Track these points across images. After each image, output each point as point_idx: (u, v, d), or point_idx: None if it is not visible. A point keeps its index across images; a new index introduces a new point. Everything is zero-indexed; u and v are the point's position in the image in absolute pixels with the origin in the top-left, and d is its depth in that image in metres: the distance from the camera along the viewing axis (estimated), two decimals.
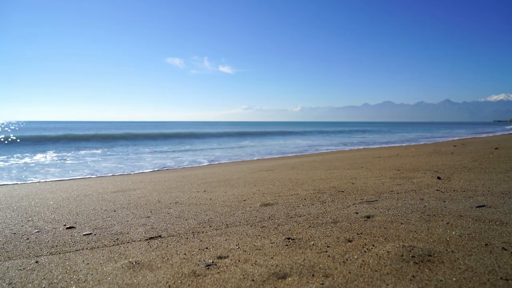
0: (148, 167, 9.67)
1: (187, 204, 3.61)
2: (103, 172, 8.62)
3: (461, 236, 2.17)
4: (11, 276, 1.88)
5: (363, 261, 1.84)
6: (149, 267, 1.91)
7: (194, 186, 4.93)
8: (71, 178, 7.39)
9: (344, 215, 2.83)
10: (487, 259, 1.79)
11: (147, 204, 3.68)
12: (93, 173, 8.32)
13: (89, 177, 7.52)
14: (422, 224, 2.46)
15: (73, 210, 3.49)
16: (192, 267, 1.88)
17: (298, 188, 4.28)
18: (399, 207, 3.03)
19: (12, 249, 2.33)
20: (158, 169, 9.11)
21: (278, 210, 3.16)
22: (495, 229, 2.28)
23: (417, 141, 19.61)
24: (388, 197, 3.49)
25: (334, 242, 2.18)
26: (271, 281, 1.67)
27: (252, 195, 3.98)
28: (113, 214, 3.24)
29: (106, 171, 8.73)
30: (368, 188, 4.06)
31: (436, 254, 1.88)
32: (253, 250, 2.10)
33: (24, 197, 4.45)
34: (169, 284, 1.68)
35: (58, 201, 4.03)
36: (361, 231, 2.37)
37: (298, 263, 1.86)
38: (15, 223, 3.02)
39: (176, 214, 3.15)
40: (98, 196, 4.35)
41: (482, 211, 2.75)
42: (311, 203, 3.36)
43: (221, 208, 3.35)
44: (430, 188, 3.88)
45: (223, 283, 1.67)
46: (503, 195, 3.32)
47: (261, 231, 2.51)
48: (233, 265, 1.89)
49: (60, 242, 2.46)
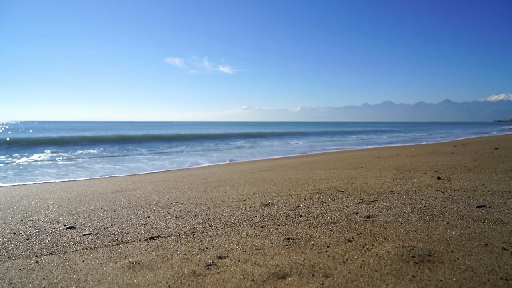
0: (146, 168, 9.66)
1: (187, 204, 3.61)
2: (108, 173, 8.63)
3: (461, 236, 2.17)
4: (11, 276, 1.88)
5: (363, 261, 1.84)
6: (149, 267, 1.91)
7: (194, 186, 4.93)
8: (71, 180, 7.39)
9: (344, 215, 2.83)
10: (487, 259, 1.79)
11: (147, 204, 3.68)
12: (93, 175, 8.32)
13: (89, 178, 7.52)
14: (422, 224, 2.46)
15: (73, 210, 3.49)
16: (192, 267, 1.88)
17: (298, 188, 4.28)
18: (399, 207, 3.03)
19: (12, 249, 2.33)
20: (157, 171, 9.11)
21: (278, 210, 3.16)
22: (495, 229, 2.28)
23: (417, 141, 19.61)
24: (388, 197, 3.49)
25: (334, 242, 2.18)
26: (271, 281, 1.67)
27: (252, 195, 3.98)
28: (113, 214, 3.25)
29: (118, 172, 8.73)
30: (368, 188, 4.06)
31: (436, 254, 1.88)
32: (253, 250, 2.10)
33: (24, 197, 4.45)
34: (169, 284, 1.68)
35: (58, 201, 4.03)
36: (361, 231, 2.37)
37: (298, 263, 1.86)
38: (15, 223, 3.02)
39: (176, 214, 3.15)
40: (98, 196, 4.35)
41: (482, 211, 2.75)
42: (311, 203, 3.36)
43: (221, 208, 3.35)
44: (430, 188, 3.88)
45: (223, 283, 1.67)
46: (503, 195, 3.32)
47: (261, 231, 2.51)
48: (233, 265, 1.89)
49: (60, 242, 2.46)
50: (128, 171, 8.66)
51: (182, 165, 10.10)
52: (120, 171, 8.70)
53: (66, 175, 7.94)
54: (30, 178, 7.57)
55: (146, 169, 9.16)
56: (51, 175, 7.98)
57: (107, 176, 7.77)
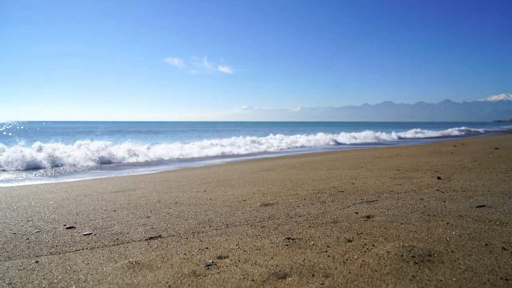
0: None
1: (187, 204, 3.61)
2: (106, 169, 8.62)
3: (461, 236, 2.17)
4: (11, 276, 1.88)
5: (363, 261, 1.84)
6: (149, 267, 1.91)
7: (194, 186, 4.93)
8: (71, 180, 7.39)
9: (344, 215, 2.83)
10: (487, 259, 1.79)
11: (147, 204, 3.68)
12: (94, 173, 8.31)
13: (89, 177, 7.52)
14: (422, 224, 2.46)
15: (73, 210, 3.49)
16: (192, 267, 1.88)
17: (298, 188, 4.28)
18: (399, 207, 3.03)
19: (12, 249, 2.33)
20: (157, 171, 9.11)
21: (278, 210, 3.16)
22: (495, 229, 2.28)
23: (417, 141, 19.60)
24: (388, 197, 3.49)
25: (334, 242, 2.18)
26: (271, 281, 1.67)
27: (252, 195, 3.98)
28: (113, 214, 3.25)
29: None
30: (368, 188, 4.07)
31: (436, 254, 1.88)
32: (253, 250, 2.10)
33: (24, 197, 4.45)
34: (169, 284, 1.68)
35: (58, 201, 4.03)
36: (361, 231, 2.37)
37: (298, 263, 1.86)
38: (15, 223, 3.02)
39: (176, 214, 3.15)
40: (98, 196, 4.35)
41: (482, 211, 2.75)
42: (311, 203, 3.36)
43: (221, 208, 3.35)
44: (430, 188, 3.88)
45: (223, 283, 1.67)
46: (503, 195, 3.32)
47: (261, 231, 2.51)
48: (233, 265, 1.89)
49: (60, 242, 2.46)
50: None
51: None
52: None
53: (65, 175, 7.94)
54: (28, 177, 7.56)
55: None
56: (50, 175, 7.98)
57: (107, 176, 7.77)
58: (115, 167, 10.03)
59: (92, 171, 9.09)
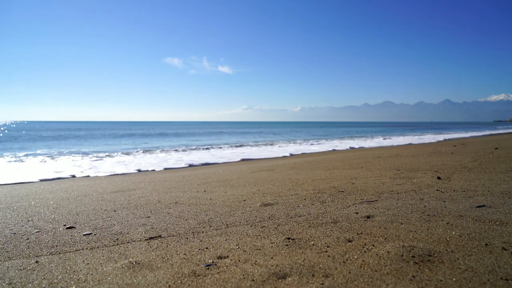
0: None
1: (187, 204, 3.61)
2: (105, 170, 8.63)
3: (461, 236, 2.17)
4: (11, 276, 1.88)
5: (363, 261, 1.84)
6: (149, 267, 1.91)
7: (194, 186, 4.93)
8: (71, 179, 7.39)
9: (344, 215, 2.83)
10: (487, 259, 1.79)
11: (147, 204, 3.68)
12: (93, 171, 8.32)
13: (89, 177, 7.53)
14: (422, 224, 2.46)
15: (73, 210, 3.49)
16: (192, 267, 1.88)
17: (298, 188, 4.28)
18: (399, 207, 3.03)
19: (12, 249, 2.33)
20: (157, 171, 9.11)
21: (278, 210, 3.16)
22: (495, 229, 2.28)
23: (417, 141, 19.61)
24: (388, 197, 3.49)
25: (334, 242, 2.18)
26: (271, 281, 1.67)
27: (252, 195, 3.98)
28: (113, 214, 3.25)
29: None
30: (368, 188, 4.06)
31: (436, 254, 1.88)
32: (253, 250, 2.10)
33: (24, 197, 4.45)
34: (169, 284, 1.68)
35: (58, 201, 4.03)
36: (361, 231, 2.37)
37: (298, 263, 1.86)
38: (15, 223, 3.02)
39: (176, 214, 3.15)
40: (98, 196, 4.35)
41: (482, 211, 2.75)
42: (311, 203, 3.36)
43: (221, 208, 3.35)
44: (430, 188, 3.88)
45: (223, 283, 1.67)
46: (503, 195, 3.32)
47: (261, 231, 2.51)
48: (233, 265, 1.89)
49: (60, 242, 2.46)
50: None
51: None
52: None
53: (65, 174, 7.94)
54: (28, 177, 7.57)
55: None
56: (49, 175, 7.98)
57: (107, 175, 7.77)
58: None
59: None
